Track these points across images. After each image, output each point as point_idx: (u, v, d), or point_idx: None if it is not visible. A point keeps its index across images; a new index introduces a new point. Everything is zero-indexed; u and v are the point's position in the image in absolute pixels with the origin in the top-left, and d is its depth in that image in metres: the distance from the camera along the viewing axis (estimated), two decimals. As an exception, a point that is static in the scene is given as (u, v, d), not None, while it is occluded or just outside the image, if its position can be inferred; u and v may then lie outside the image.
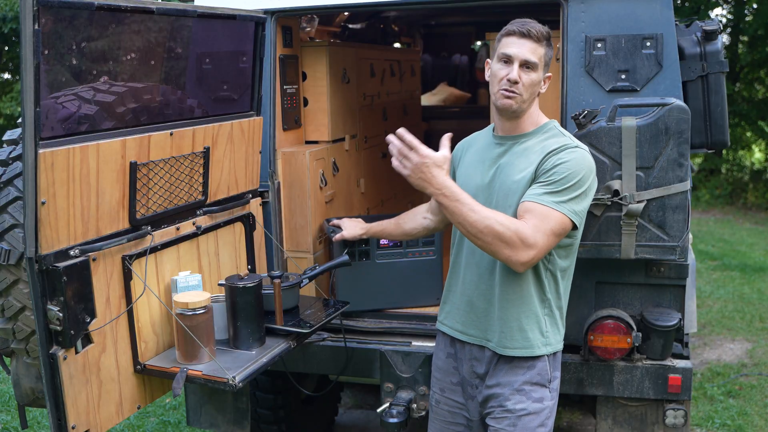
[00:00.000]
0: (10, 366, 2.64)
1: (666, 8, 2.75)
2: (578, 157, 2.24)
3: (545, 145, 2.28)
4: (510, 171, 2.31)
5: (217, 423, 3.49)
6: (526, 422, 2.31)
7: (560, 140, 2.29)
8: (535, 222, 2.14)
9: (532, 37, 2.24)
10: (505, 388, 2.34)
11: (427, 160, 2.11)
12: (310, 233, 3.38)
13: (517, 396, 2.32)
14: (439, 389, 2.56)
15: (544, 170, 2.23)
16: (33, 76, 1.92)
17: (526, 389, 2.32)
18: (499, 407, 2.34)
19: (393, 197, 4.71)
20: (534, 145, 2.31)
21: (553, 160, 2.22)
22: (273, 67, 3.21)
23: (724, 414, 4.50)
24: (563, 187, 2.19)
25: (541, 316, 2.33)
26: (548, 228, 2.16)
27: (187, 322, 2.40)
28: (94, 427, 2.28)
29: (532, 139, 2.33)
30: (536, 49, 2.26)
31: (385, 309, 3.37)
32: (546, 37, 2.28)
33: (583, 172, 2.23)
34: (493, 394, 2.37)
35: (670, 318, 2.79)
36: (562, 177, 2.19)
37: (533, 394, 2.33)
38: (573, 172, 2.20)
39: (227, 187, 2.89)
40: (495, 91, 2.30)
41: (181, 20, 2.67)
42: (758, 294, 6.81)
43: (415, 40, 6.50)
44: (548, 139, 2.31)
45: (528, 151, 2.31)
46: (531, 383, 2.33)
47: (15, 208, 2.37)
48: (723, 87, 2.94)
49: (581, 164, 2.23)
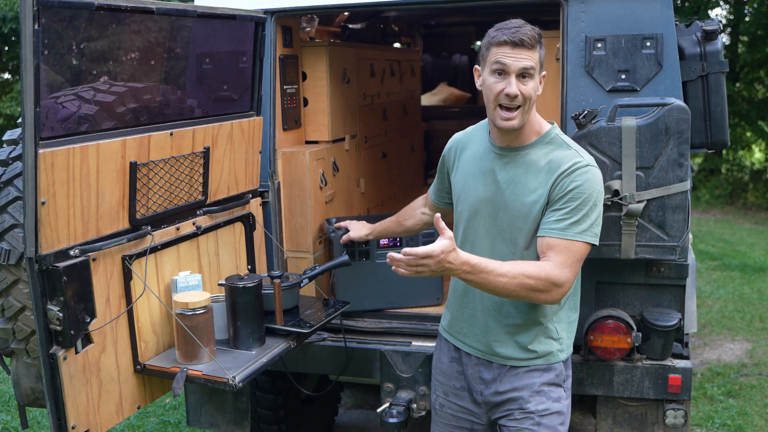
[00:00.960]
0: (10, 366, 2.64)
1: (666, 8, 2.75)
2: (591, 178, 2.18)
3: (553, 161, 2.21)
4: (518, 190, 2.24)
5: (217, 423, 3.49)
6: (549, 421, 2.32)
7: (568, 156, 2.21)
8: (561, 259, 2.12)
9: (525, 45, 2.13)
10: (524, 391, 2.32)
11: (442, 255, 2.01)
12: (310, 233, 3.38)
13: (537, 397, 2.31)
14: (443, 393, 2.53)
15: (558, 196, 2.17)
16: (33, 76, 1.92)
17: (545, 390, 2.32)
18: (519, 409, 2.33)
19: (393, 197, 4.71)
20: (539, 159, 2.23)
21: (567, 183, 2.16)
22: (273, 67, 3.21)
23: (724, 414, 4.50)
24: (582, 215, 2.14)
25: (552, 324, 2.32)
26: (574, 260, 2.15)
27: (187, 322, 2.40)
28: (94, 427, 2.28)
29: (536, 150, 2.26)
30: (531, 55, 2.15)
31: (385, 309, 3.38)
32: (538, 39, 2.18)
33: (597, 194, 2.18)
34: (510, 398, 2.34)
35: (670, 318, 2.79)
36: (579, 203, 2.14)
37: (552, 394, 2.33)
38: (588, 194, 2.15)
39: (227, 187, 2.89)
40: (492, 108, 2.21)
41: (181, 20, 2.67)
42: (758, 294, 6.81)
43: (415, 40, 6.50)
44: (554, 151, 2.23)
45: (534, 167, 2.23)
46: (549, 384, 2.33)
47: (15, 208, 2.37)
48: (723, 87, 2.94)
49: (595, 185, 2.18)
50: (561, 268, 2.12)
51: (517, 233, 2.25)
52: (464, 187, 2.38)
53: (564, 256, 2.13)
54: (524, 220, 2.23)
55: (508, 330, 2.32)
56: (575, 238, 2.14)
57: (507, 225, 2.26)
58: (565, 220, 2.15)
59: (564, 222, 2.15)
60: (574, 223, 2.15)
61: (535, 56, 2.16)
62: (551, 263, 2.12)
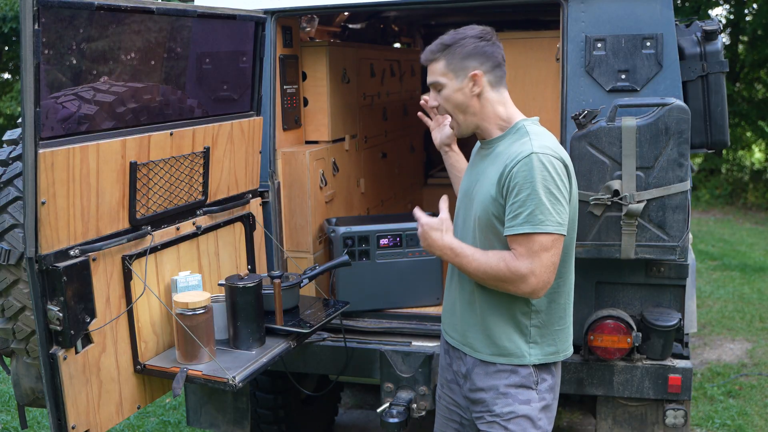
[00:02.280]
0: (10, 366, 2.64)
1: (666, 8, 2.75)
2: (532, 167, 2.10)
3: (506, 153, 2.20)
4: (482, 182, 2.28)
5: (217, 423, 3.49)
6: (515, 426, 2.25)
7: (519, 146, 2.17)
8: (521, 250, 2.12)
9: (428, 62, 2.29)
10: (489, 393, 2.29)
11: (426, 228, 2.24)
12: (310, 233, 3.38)
13: (502, 399, 2.27)
14: (440, 384, 2.56)
15: (506, 192, 2.16)
16: (33, 76, 1.92)
17: (511, 392, 2.27)
18: (488, 412, 2.30)
19: (393, 197, 4.71)
20: (504, 150, 2.23)
21: (512, 177, 2.14)
22: (273, 67, 3.21)
23: (724, 414, 4.50)
24: (532, 209, 2.10)
25: (526, 325, 2.26)
26: (535, 250, 2.10)
27: (187, 322, 2.40)
28: (94, 427, 2.28)
29: (503, 143, 2.26)
30: (434, 68, 2.27)
31: (385, 309, 3.38)
32: (440, 50, 2.25)
33: (539, 179, 2.09)
34: (478, 399, 2.33)
35: (670, 318, 2.79)
36: (524, 194, 2.11)
37: (519, 396, 2.27)
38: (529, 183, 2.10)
39: (227, 187, 2.89)
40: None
41: (181, 20, 2.67)
42: (758, 294, 6.81)
43: (415, 40, 6.50)
44: (513, 143, 2.21)
45: (499, 158, 2.23)
46: (515, 386, 2.27)
47: (15, 208, 2.37)
48: (723, 87, 2.94)
49: (534, 172, 2.10)
50: (520, 258, 2.12)
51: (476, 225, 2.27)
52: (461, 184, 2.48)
53: (523, 248, 2.12)
54: (483, 211, 2.24)
55: (479, 320, 2.30)
56: (529, 230, 2.11)
57: (473, 217, 2.30)
58: (515, 215, 2.13)
59: (515, 218, 2.13)
60: (525, 216, 2.11)
61: (437, 66, 2.27)
62: (513, 255, 2.14)
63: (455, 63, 2.23)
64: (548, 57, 3.36)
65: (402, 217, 3.48)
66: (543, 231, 2.11)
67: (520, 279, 2.13)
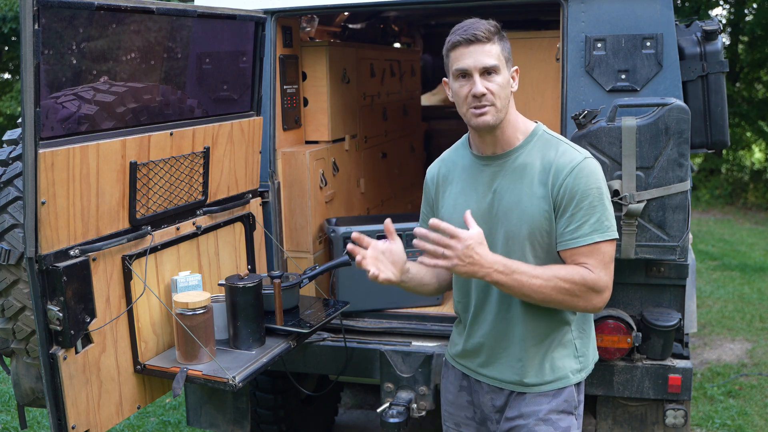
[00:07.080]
0: (10, 366, 2.64)
1: (666, 8, 2.75)
2: (592, 171, 2.03)
3: (547, 161, 2.05)
4: (515, 196, 2.07)
5: (217, 423, 3.49)
6: None
7: (562, 153, 2.06)
8: (593, 262, 2.00)
9: (480, 40, 1.99)
10: (530, 419, 2.13)
11: (471, 241, 1.90)
12: (310, 233, 3.38)
13: (543, 426, 2.12)
14: (454, 424, 2.35)
15: (566, 201, 2.02)
16: (33, 76, 1.92)
17: (552, 418, 2.13)
18: None
19: (393, 197, 4.71)
20: (533, 161, 2.07)
21: (570, 185, 2.01)
22: (273, 67, 3.21)
23: (724, 414, 4.50)
24: (598, 216, 2.01)
25: (573, 340, 2.17)
26: (606, 260, 2.02)
27: (187, 322, 2.40)
28: (94, 427, 2.28)
29: (526, 152, 2.09)
30: (490, 49, 2.00)
31: (385, 309, 3.37)
32: (495, 32, 2.03)
33: (602, 184, 2.04)
34: (515, 426, 2.15)
35: (670, 318, 2.79)
36: (589, 202, 2.00)
37: (560, 423, 2.13)
38: (596, 189, 2.02)
39: (227, 187, 2.89)
40: (464, 112, 2.06)
41: (181, 20, 2.67)
42: (758, 294, 6.81)
43: (415, 40, 6.50)
44: (546, 150, 2.08)
45: (528, 170, 2.07)
46: (557, 411, 2.14)
47: (15, 208, 2.37)
48: (723, 87, 2.94)
49: (598, 177, 2.04)
50: (596, 270, 1.99)
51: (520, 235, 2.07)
52: (455, 206, 2.19)
53: (595, 260, 2.00)
54: (534, 227, 2.05)
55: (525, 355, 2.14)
56: (598, 240, 2.00)
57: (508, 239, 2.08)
58: (579, 224, 2.01)
59: (582, 227, 2.01)
60: (591, 225, 2.01)
61: (495, 49, 2.01)
62: (586, 267, 2.00)
63: (506, 53, 2.06)
64: (548, 57, 3.36)
65: (402, 217, 3.48)
66: (610, 238, 2.02)
67: (597, 293, 2.00)
